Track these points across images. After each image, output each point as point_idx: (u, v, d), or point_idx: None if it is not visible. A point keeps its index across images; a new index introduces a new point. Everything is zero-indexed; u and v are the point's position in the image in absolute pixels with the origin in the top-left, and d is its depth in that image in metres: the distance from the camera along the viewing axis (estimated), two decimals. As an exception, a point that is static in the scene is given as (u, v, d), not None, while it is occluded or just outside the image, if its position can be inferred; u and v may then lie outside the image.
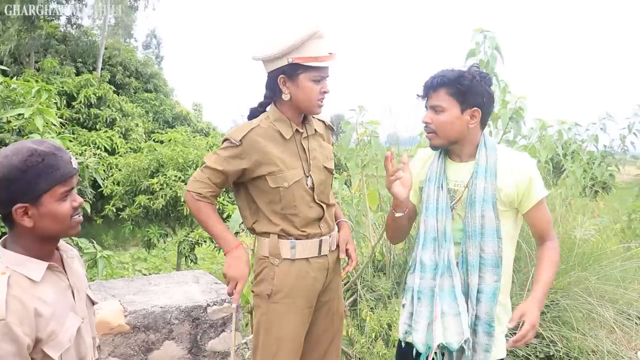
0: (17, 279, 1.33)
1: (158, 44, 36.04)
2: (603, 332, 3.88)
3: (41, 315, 1.33)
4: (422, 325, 1.91)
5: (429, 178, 1.96)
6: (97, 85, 15.42)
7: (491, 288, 1.85)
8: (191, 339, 2.87)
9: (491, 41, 3.52)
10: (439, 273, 1.88)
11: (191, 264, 8.49)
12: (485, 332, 1.87)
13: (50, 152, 1.36)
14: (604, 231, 5.39)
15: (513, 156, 1.93)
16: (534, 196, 1.87)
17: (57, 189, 1.36)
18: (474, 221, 1.84)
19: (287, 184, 2.02)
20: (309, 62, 1.94)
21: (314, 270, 2.10)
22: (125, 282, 3.20)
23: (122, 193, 8.31)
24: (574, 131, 5.22)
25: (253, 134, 2.01)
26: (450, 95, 1.83)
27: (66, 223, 1.40)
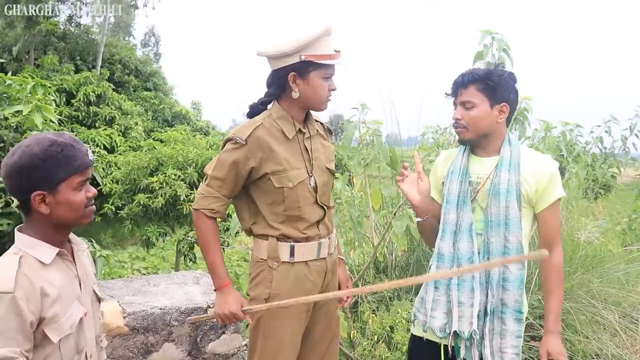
0: (28, 260, 1.39)
1: (156, 42, 36.03)
2: (607, 335, 3.84)
3: (47, 295, 1.38)
4: (439, 312, 2.00)
5: (452, 172, 2.02)
6: (97, 83, 15.35)
7: (517, 276, 1.92)
8: (191, 341, 2.83)
9: (499, 43, 3.48)
10: (457, 264, 1.96)
11: (190, 263, 8.45)
12: (516, 319, 1.94)
13: (69, 144, 1.43)
14: (606, 233, 5.36)
15: (536, 154, 2.01)
16: (552, 194, 1.94)
17: (73, 178, 1.43)
18: (498, 211, 1.91)
19: (291, 184, 1.98)
20: (322, 59, 1.92)
21: (313, 274, 2.07)
22: (125, 283, 3.16)
23: (121, 191, 8.26)
24: (575, 133, 5.18)
25: (258, 132, 1.97)
26: (480, 91, 1.92)
27: (80, 212, 1.48)
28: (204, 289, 3.09)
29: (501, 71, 1.95)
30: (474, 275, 1.94)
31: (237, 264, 10.34)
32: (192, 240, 7.35)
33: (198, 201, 2.01)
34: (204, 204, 1.99)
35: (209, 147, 8.83)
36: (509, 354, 1.94)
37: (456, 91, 1.97)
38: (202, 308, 2.85)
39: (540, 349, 1.97)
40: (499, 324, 1.94)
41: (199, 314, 2.83)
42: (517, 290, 1.92)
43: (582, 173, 5.16)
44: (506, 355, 1.94)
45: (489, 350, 1.94)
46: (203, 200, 1.99)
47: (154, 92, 18.88)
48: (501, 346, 1.94)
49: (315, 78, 1.95)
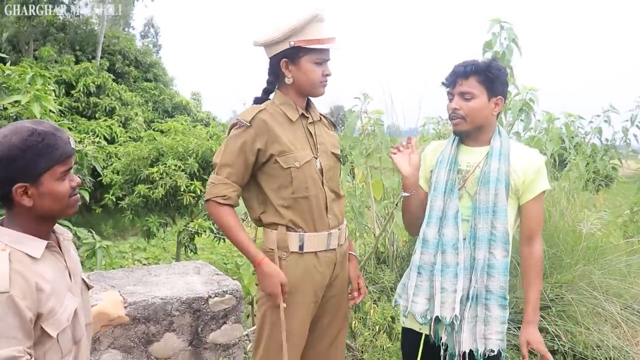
0: (17, 256, 1.34)
1: (156, 33, 35.85)
2: (608, 327, 3.84)
3: (42, 290, 1.34)
4: (421, 298, 2.04)
5: (440, 161, 2.06)
6: (97, 74, 15.30)
7: (502, 263, 1.95)
8: (192, 330, 2.82)
9: (508, 32, 3.45)
10: (441, 250, 1.99)
11: (191, 253, 8.46)
12: (500, 305, 1.96)
13: (50, 132, 1.37)
14: (608, 225, 5.35)
15: (524, 148, 2.08)
16: (537, 187, 1.98)
17: (56, 168, 1.38)
18: (487, 199, 1.95)
19: (298, 163, 1.98)
20: (311, 44, 1.94)
21: (322, 265, 2.06)
22: (125, 273, 3.15)
23: (121, 182, 8.26)
24: (577, 124, 5.16)
25: (261, 115, 1.98)
26: (480, 83, 1.94)
27: (65, 202, 1.42)
28: (205, 279, 3.08)
29: (499, 64, 1.98)
30: (458, 261, 1.97)
31: (239, 254, 10.35)
32: (192, 231, 7.35)
33: (209, 191, 2.00)
34: (214, 192, 1.98)
35: (209, 137, 8.80)
36: (493, 340, 1.96)
37: (455, 81, 1.98)
38: (203, 298, 2.84)
39: (520, 339, 2.03)
40: (483, 311, 1.97)
41: (200, 304, 2.83)
42: (502, 277, 1.95)
43: (582, 164, 5.14)
44: (490, 342, 1.96)
45: (472, 337, 1.96)
46: (213, 189, 1.98)
47: (154, 83, 18.82)
48: (485, 333, 1.97)
49: (306, 63, 1.98)
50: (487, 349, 1.96)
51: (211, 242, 10.22)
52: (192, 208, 7.80)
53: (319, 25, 1.95)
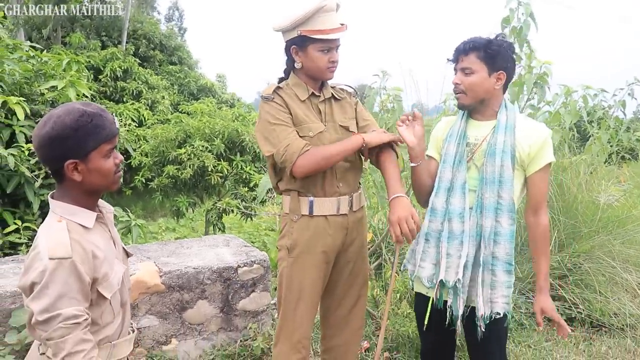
0: (73, 226, 1.47)
1: (180, 16, 36.07)
2: (627, 296, 3.92)
3: (97, 257, 1.49)
4: (428, 263, 2.18)
5: (450, 135, 2.18)
6: (123, 58, 15.54)
7: (508, 230, 2.06)
8: (223, 298, 3.01)
9: (525, 8, 3.51)
10: (448, 218, 2.12)
11: (219, 232, 8.66)
12: (506, 271, 2.08)
13: (98, 113, 1.49)
14: (629, 197, 5.38)
15: (531, 121, 2.17)
16: (543, 158, 2.07)
17: (103, 146, 1.50)
18: (493, 170, 2.06)
19: (312, 133, 2.13)
20: (316, 34, 2.08)
21: (332, 228, 2.19)
22: (159, 246, 3.34)
23: (150, 164, 8.46)
24: (600, 97, 5.16)
25: (278, 91, 2.16)
26: (480, 59, 2.04)
27: (110, 178, 1.55)
28: (234, 250, 3.25)
29: (501, 41, 2.06)
30: (464, 229, 2.09)
31: (265, 233, 10.55)
32: (220, 209, 7.54)
33: (290, 153, 2.04)
34: (296, 148, 2.03)
35: (234, 118, 8.96)
36: (499, 304, 2.08)
37: (457, 58, 2.10)
38: (232, 267, 3.02)
39: (535, 307, 2.15)
40: (489, 276, 2.09)
41: (230, 273, 3.01)
42: (508, 244, 2.06)
43: (605, 137, 5.15)
44: (497, 305, 2.08)
45: (481, 300, 2.08)
46: (291, 149, 2.04)
47: (179, 66, 19.01)
48: (491, 296, 2.09)
49: (313, 51, 2.12)
50: (494, 312, 2.09)
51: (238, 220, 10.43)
52: (220, 187, 7.98)
53: (325, 15, 2.08)
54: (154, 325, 2.85)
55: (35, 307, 1.37)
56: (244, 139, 7.77)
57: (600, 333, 3.70)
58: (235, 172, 7.68)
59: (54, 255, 1.38)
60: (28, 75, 4.23)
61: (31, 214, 3.79)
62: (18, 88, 4.16)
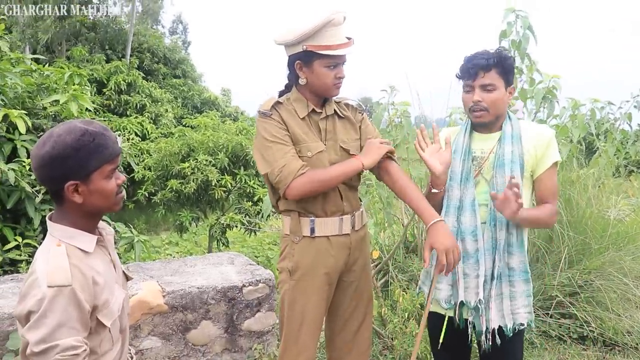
0: (72, 250, 1.41)
1: (184, 29, 36.28)
2: (638, 313, 3.84)
3: (97, 283, 1.42)
4: (444, 284, 2.12)
5: (455, 150, 2.12)
6: (127, 72, 15.60)
7: (520, 239, 2.03)
8: (227, 318, 2.94)
9: (523, 21, 3.48)
10: (460, 238, 2.07)
11: (222, 247, 8.60)
12: (524, 280, 2.06)
13: (100, 132, 1.43)
14: (637, 211, 5.31)
15: (534, 126, 2.13)
16: (549, 159, 2.04)
17: (105, 167, 1.44)
18: (504, 181, 2.01)
19: (310, 153, 2.04)
20: (323, 50, 1.98)
21: (334, 248, 2.12)
22: (162, 264, 3.28)
23: (154, 178, 8.42)
24: (607, 110, 5.12)
25: (277, 107, 2.08)
26: (500, 75, 2.01)
27: (112, 199, 1.48)
28: (238, 268, 3.19)
29: (509, 55, 2.05)
30: (478, 247, 2.03)
31: (269, 247, 10.49)
32: (224, 224, 7.49)
33: (285, 174, 1.96)
34: (292, 170, 1.96)
35: (238, 132, 8.94)
36: (521, 314, 2.04)
37: (476, 73, 2.01)
38: (237, 287, 2.95)
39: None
40: (508, 288, 2.04)
41: (235, 293, 2.94)
42: (521, 253, 2.03)
43: (612, 150, 5.09)
44: (519, 316, 2.04)
45: (500, 314, 2.03)
46: (287, 170, 1.96)
47: (183, 80, 19.10)
48: (512, 308, 2.04)
49: (319, 67, 2.01)
50: (517, 324, 2.04)
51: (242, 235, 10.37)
52: (224, 202, 7.94)
53: (332, 30, 1.98)
54: (157, 347, 2.78)
55: (32, 337, 1.30)
56: (248, 152, 7.74)
57: (614, 352, 3.61)
58: (239, 186, 7.64)
59: (52, 283, 1.31)
60: (30, 89, 4.19)
61: (32, 230, 3.73)
62: (20, 102, 4.12)
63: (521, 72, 3.73)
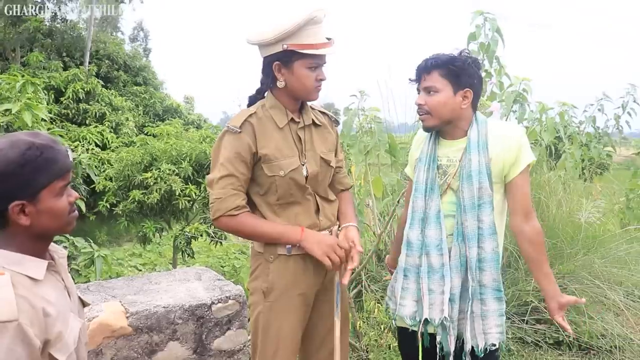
0: (19, 279, 1.24)
1: (145, 36, 35.69)
2: (611, 315, 3.84)
3: (49, 315, 1.26)
4: (409, 300, 2.03)
5: (420, 159, 2.03)
6: (85, 79, 15.20)
7: (492, 255, 1.92)
8: (196, 338, 2.79)
9: (492, 24, 3.46)
10: (425, 252, 1.97)
11: (188, 258, 8.41)
12: (496, 298, 1.95)
13: (49, 145, 1.28)
14: (604, 213, 5.36)
15: (502, 126, 2.02)
16: (522, 161, 1.93)
17: (55, 183, 1.29)
18: (471, 193, 1.91)
19: (283, 172, 1.92)
20: (306, 49, 1.85)
21: (312, 267, 2.01)
22: (126, 282, 3.11)
23: (115, 188, 8.20)
24: (570, 113, 5.16)
25: (251, 120, 1.93)
26: (443, 77, 1.90)
27: (64, 219, 1.34)
28: (206, 284, 3.04)
29: (465, 57, 1.92)
30: (443, 262, 1.94)
31: (235, 256, 10.32)
32: (189, 235, 7.30)
33: (217, 207, 1.88)
34: (225, 207, 1.86)
35: (202, 140, 8.75)
36: (493, 334, 1.95)
37: (420, 76, 1.95)
38: (206, 304, 2.80)
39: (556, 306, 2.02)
40: (479, 306, 1.95)
41: (203, 311, 2.80)
42: (494, 269, 1.93)
43: (578, 153, 5.14)
44: (491, 336, 1.95)
45: (472, 334, 1.94)
46: (222, 204, 1.86)
47: (144, 87, 18.73)
48: (484, 328, 1.95)
49: (300, 68, 1.88)
50: (488, 344, 1.95)
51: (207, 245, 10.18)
52: (188, 212, 7.76)
53: (314, 27, 1.85)
54: (121, 371, 2.62)
55: None
56: (213, 161, 7.59)
57: (589, 356, 3.60)
58: (203, 196, 7.45)
59: None
60: (-21, 98, 3.98)
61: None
62: (-31, 112, 3.90)
63: (490, 76, 3.71)
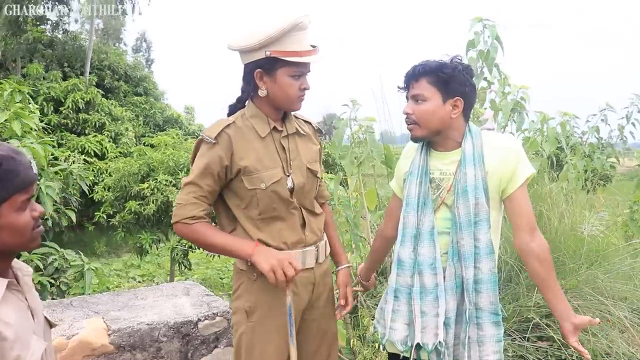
0: None
1: (148, 47, 35.81)
2: (615, 332, 3.71)
3: (5, 339, 1.17)
4: (400, 324, 1.88)
5: (411, 172, 1.89)
6: (85, 89, 15.17)
7: (489, 276, 1.80)
8: (182, 357, 2.68)
9: (491, 31, 3.37)
10: (418, 271, 1.83)
11: (185, 270, 8.31)
12: (493, 323, 1.81)
13: (9, 156, 1.20)
14: (608, 225, 5.24)
15: (498, 137, 1.89)
16: (520, 175, 1.79)
17: (16, 197, 1.21)
18: (467, 210, 1.78)
19: (264, 185, 1.81)
20: (289, 56, 1.75)
21: (297, 286, 1.90)
22: (111, 297, 3.00)
23: (112, 199, 8.13)
24: (572, 123, 5.06)
25: (228, 131, 1.82)
26: (432, 84, 1.79)
27: (27, 235, 1.25)
28: (194, 300, 2.94)
29: (455, 63, 1.80)
30: (437, 282, 1.81)
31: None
32: (186, 247, 7.20)
33: (176, 212, 1.82)
34: (182, 213, 1.80)
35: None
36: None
37: (408, 84, 1.84)
38: (192, 321, 2.70)
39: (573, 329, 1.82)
40: (475, 331, 1.81)
41: (189, 328, 2.69)
42: (491, 292, 1.79)
43: (580, 164, 5.04)
44: None
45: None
46: (181, 210, 1.81)
47: (145, 97, 18.71)
48: (481, 355, 1.81)
49: (283, 76, 1.79)
50: None
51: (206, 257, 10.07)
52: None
53: (299, 34, 1.77)
54: (102, 391, 2.50)
55: None
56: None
57: (593, 376, 3.46)
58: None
59: None
60: (-33, 108, 3.90)
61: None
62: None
63: (490, 84, 3.62)
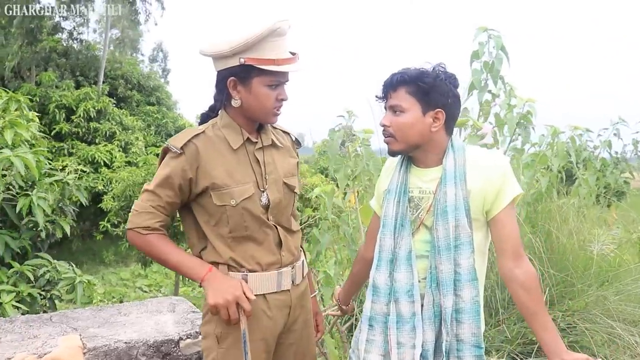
0: None
1: (164, 57, 36.06)
2: (625, 358, 3.53)
3: None
4: (375, 355, 1.75)
5: (389, 190, 1.76)
6: (97, 98, 15.24)
7: (472, 305, 1.65)
8: (161, 378, 2.55)
9: (496, 41, 3.24)
10: (394, 299, 1.70)
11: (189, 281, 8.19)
12: (475, 357, 1.65)
13: None
14: (620, 244, 5.05)
15: (484, 154, 1.73)
16: (506, 195, 1.65)
17: None
18: (447, 233, 1.63)
19: (234, 201, 1.69)
20: (266, 64, 1.63)
21: (272, 309, 1.77)
22: (93, 312, 2.88)
23: (117, 209, 8.06)
24: (585, 137, 4.90)
25: (196, 142, 1.70)
26: (411, 95, 1.65)
27: None
28: (178, 317, 2.81)
29: (437, 72, 1.66)
30: (415, 311, 1.67)
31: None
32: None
33: (131, 219, 1.71)
34: (136, 221, 1.69)
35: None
36: None
37: (386, 94, 1.71)
38: (173, 340, 2.57)
39: None
40: None
41: (170, 347, 2.56)
42: (473, 323, 1.65)
43: (592, 179, 4.87)
44: None
45: None
46: (136, 218, 1.69)
47: (157, 107, 18.80)
48: None
49: (259, 85, 1.67)
50: None
51: (211, 267, 9.95)
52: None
53: (277, 40, 1.65)
54: (76, 413, 2.38)
55: None
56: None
57: (601, 404, 3.28)
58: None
59: None
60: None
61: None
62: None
63: (495, 96, 3.48)
